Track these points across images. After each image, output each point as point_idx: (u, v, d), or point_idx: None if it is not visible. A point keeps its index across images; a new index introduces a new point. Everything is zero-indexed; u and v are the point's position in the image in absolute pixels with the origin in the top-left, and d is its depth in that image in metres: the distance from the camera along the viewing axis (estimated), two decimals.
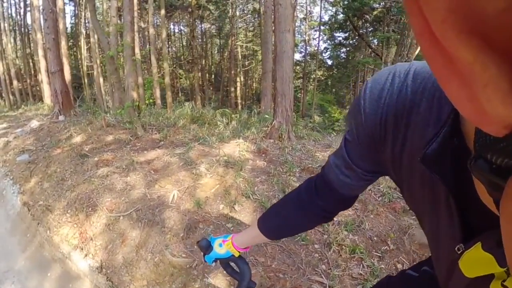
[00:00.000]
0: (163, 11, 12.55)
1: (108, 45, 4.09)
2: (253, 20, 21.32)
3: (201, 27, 21.78)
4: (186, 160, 3.40)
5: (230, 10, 18.45)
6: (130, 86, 6.14)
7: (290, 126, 4.54)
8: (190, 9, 16.83)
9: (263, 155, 3.76)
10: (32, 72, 15.84)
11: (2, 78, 12.24)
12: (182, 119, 5.54)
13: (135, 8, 9.36)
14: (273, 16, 5.12)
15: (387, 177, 3.70)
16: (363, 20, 18.76)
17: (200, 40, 22.29)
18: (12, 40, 17.11)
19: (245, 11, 20.55)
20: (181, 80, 22.74)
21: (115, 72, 3.86)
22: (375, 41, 18.61)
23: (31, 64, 15.92)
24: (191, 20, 17.68)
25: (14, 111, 9.21)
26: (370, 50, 19.34)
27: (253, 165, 3.38)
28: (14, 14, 17.75)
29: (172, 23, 21.94)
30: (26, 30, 16.82)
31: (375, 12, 16.87)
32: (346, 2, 16.98)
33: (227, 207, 2.59)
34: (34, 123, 6.36)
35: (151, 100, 12.46)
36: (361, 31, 18.74)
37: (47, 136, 5.42)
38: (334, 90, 22.11)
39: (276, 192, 2.79)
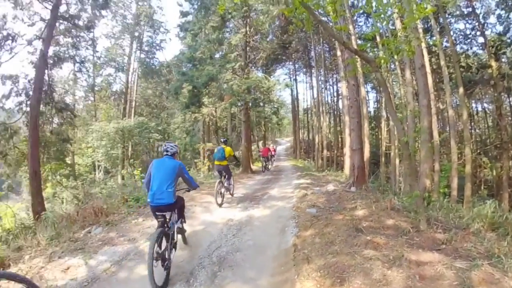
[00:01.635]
0: (461, 89, 11.36)
1: (403, 131, 4.19)
2: None
3: (509, 102, 16.92)
4: (463, 281, 2.61)
5: None
6: (424, 173, 5.86)
7: None
8: (492, 82, 13.88)
9: None
10: (340, 145, 20.06)
11: (316, 147, 16.42)
12: (477, 221, 4.46)
13: (431, 90, 9.13)
14: None
15: None
16: None
17: (510, 118, 17.32)
18: (327, 120, 24.43)
19: None
20: (485, 170, 18.54)
21: (408, 158, 3.85)
22: None
23: (339, 138, 20.43)
24: (495, 94, 14.44)
25: (319, 173, 11.80)
26: None
27: None
28: (329, 101, 25.84)
29: (473, 100, 19.12)
30: (337, 112, 22.64)
31: None
32: None
33: None
34: (330, 187, 7.75)
35: (445, 190, 11.10)
36: None
37: (336, 201, 6.35)
38: None
39: None
